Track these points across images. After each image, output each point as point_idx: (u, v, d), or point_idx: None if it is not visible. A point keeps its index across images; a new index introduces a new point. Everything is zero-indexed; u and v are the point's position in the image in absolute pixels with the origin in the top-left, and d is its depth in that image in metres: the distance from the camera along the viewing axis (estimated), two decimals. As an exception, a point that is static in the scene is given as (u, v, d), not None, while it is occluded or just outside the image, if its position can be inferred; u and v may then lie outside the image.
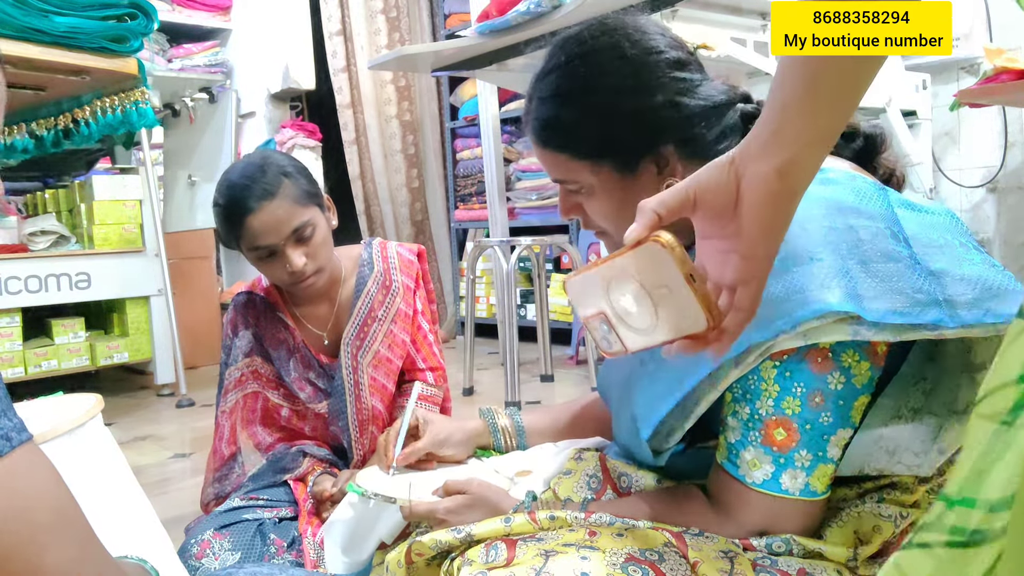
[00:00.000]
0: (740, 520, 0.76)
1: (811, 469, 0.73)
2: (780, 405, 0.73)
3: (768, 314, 0.67)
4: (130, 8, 2.18)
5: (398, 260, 1.54)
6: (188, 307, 3.54)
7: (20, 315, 2.87)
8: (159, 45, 3.74)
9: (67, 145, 2.43)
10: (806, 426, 0.73)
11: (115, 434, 1.14)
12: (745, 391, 0.75)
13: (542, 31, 2.16)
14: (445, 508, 0.87)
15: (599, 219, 0.86)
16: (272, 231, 1.31)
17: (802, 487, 0.74)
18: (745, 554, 0.73)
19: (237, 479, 1.47)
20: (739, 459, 0.75)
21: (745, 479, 0.75)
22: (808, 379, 0.72)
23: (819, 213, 0.72)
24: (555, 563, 0.69)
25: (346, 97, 4.20)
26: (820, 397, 0.72)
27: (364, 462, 1.48)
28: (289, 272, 1.33)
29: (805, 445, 0.73)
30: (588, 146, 0.82)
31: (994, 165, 2.87)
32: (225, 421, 1.49)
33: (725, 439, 0.77)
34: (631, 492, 0.88)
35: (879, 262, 0.69)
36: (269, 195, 1.30)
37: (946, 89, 2.86)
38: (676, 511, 0.80)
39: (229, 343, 1.50)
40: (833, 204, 0.73)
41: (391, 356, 1.50)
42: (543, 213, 3.78)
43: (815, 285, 0.68)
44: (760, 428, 0.74)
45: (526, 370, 3.20)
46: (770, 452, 0.74)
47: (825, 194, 0.73)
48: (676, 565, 0.70)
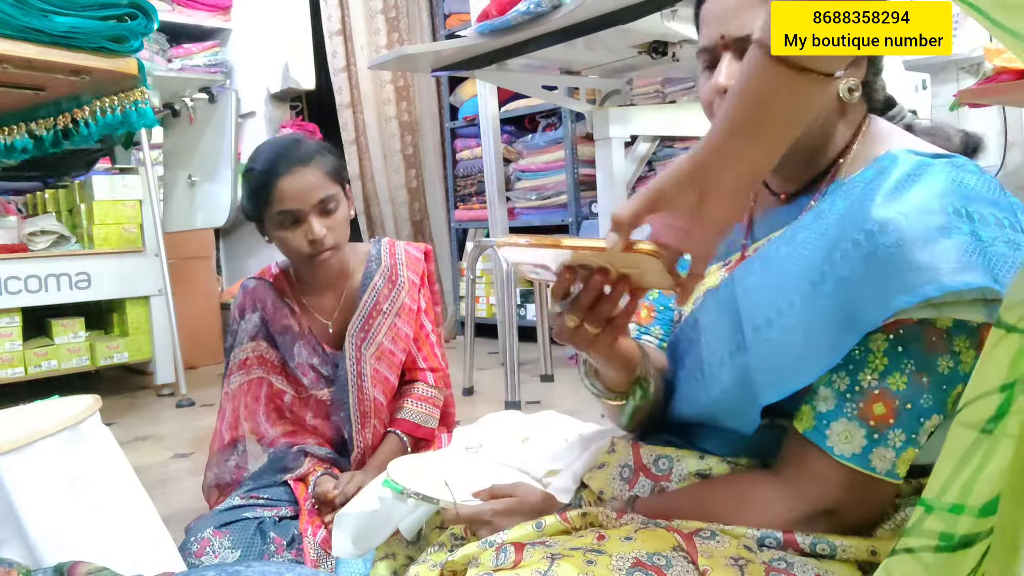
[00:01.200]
0: (814, 493, 0.74)
1: (901, 450, 0.71)
2: (886, 379, 0.71)
3: (912, 280, 0.66)
4: (130, 8, 2.18)
5: (405, 257, 1.57)
6: (188, 307, 3.54)
7: (20, 315, 2.88)
8: (159, 45, 3.74)
9: (67, 145, 2.43)
10: (907, 405, 0.71)
11: (115, 434, 1.14)
12: (847, 361, 0.72)
13: (542, 31, 2.16)
14: (492, 510, 0.85)
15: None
16: (301, 196, 1.37)
17: (889, 467, 0.72)
18: (758, 556, 0.72)
19: (237, 468, 1.48)
20: (828, 429, 0.73)
21: (833, 451, 0.72)
22: (920, 357, 0.71)
23: (958, 192, 0.70)
24: (560, 567, 0.68)
25: (346, 97, 4.20)
26: (927, 378, 0.71)
27: (364, 458, 1.48)
28: (309, 240, 1.38)
29: (902, 425, 0.71)
30: None
31: (994, 165, 2.87)
32: (228, 403, 1.52)
33: (813, 408, 0.74)
34: (670, 476, 0.86)
35: (1012, 252, 0.68)
36: (303, 162, 1.38)
37: (946, 89, 2.86)
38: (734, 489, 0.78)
39: (236, 326, 1.53)
40: (970, 188, 0.71)
41: (394, 349, 1.52)
42: (543, 213, 3.78)
43: (960, 258, 0.66)
44: (860, 400, 0.72)
45: (526, 370, 3.20)
46: (865, 426, 0.71)
47: (962, 178, 0.72)
48: (683, 571, 0.68)
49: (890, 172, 0.73)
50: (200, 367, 3.75)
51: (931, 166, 0.72)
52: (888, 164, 0.74)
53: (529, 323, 3.58)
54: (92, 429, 1.07)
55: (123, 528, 1.07)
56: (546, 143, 3.74)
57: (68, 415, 1.03)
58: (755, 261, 0.82)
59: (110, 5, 2.15)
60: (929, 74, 2.72)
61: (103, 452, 1.08)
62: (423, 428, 1.51)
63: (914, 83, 2.66)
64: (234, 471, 1.49)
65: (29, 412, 1.09)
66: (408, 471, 0.97)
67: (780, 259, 0.78)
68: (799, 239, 0.77)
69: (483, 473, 0.95)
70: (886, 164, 0.74)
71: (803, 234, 0.77)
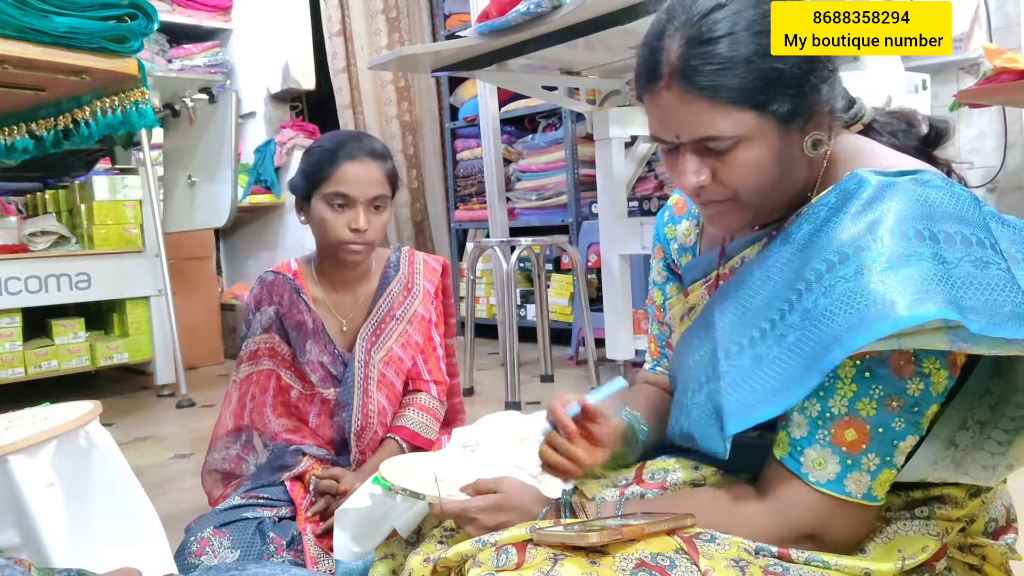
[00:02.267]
0: (794, 519, 0.75)
1: (876, 473, 0.72)
2: (855, 405, 0.72)
3: (868, 318, 0.66)
4: (130, 8, 2.17)
5: (423, 266, 1.60)
6: (188, 307, 3.54)
7: (20, 315, 2.87)
8: (159, 45, 3.75)
9: (67, 145, 2.42)
10: (879, 429, 0.71)
11: (115, 435, 1.14)
12: (818, 387, 0.72)
13: (542, 31, 2.16)
14: (477, 507, 0.85)
15: (741, 177, 0.78)
16: (361, 184, 1.40)
17: (865, 491, 0.72)
18: (757, 561, 0.72)
19: (238, 457, 1.50)
20: (803, 456, 0.74)
21: (808, 477, 0.73)
22: (888, 382, 0.71)
23: (920, 214, 0.69)
24: (563, 568, 0.68)
25: (346, 97, 4.20)
26: (897, 401, 0.71)
27: (364, 459, 1.48)
28: (352, 228, 1.40)
29: (875, 449, 0.72)
30: (757, 89, 0.73)
31: (994, 165, 2.87)
32: (234, 390, 1.53)
33: (788, 435, 0.75)
34: (663, 484, 0.87)
35: (980, 271, 0.67)
36: (376, 155, 1.44)
37: (946, 89, 2.86)
38: (725, 504, 0.78)
39: (251, 317, 1.54)
40: (934, 207, 0.70)
41: (403, 356, 1.53)
42: (543, 213, 3.78)
43: (918, 290, 0.65)
44: (830, 427, 0.72)
45: (526, 370, 3.20)
46: (838, 452, 0.72)
47: (926, 196, 0.70)
48: (686, 572, 0.69)
49: (853, 196, 0.73)
50: (200, 367, 3.75)
51: (894, 187, 0.71)
52: (852, 187, 0.74)
53: (529, 323, 3.58)
54: (93, 434, 1.07)
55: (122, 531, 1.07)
56: (546, 143, 3.74)
57: (70, 420, 1.03)
58: (729, 286, 0.83)
59: (110, 5, 2.15)
60: (929, 74, 2.72)
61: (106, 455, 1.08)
62: (422, 438, 1.51)
63: (914, 83, 2.66)
64: (235, 460, 1.50)
65: (23, 418, 1.09)
66: (400, 469, 0.98)
67: (752, 283, 0.79)
68: (769, 263, 0.78)
69: (477, 471, 0.95)
70: (850, 188, 0.74)
71: (772, 258, 0.78)
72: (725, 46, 0.73)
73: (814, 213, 0.76)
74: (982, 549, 0.83)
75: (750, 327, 0.77)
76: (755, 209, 0.81)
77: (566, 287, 3.70)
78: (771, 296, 0.76)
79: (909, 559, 0.73)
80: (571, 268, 3.56)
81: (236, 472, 1.50)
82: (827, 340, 0.68)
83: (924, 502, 0.79)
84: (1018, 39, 2.74)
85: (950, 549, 0.81)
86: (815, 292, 0.71)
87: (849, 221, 0.71)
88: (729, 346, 0.79)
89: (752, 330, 0.77)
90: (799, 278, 0.73)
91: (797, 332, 0.72)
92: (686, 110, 0.75)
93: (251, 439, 1.51)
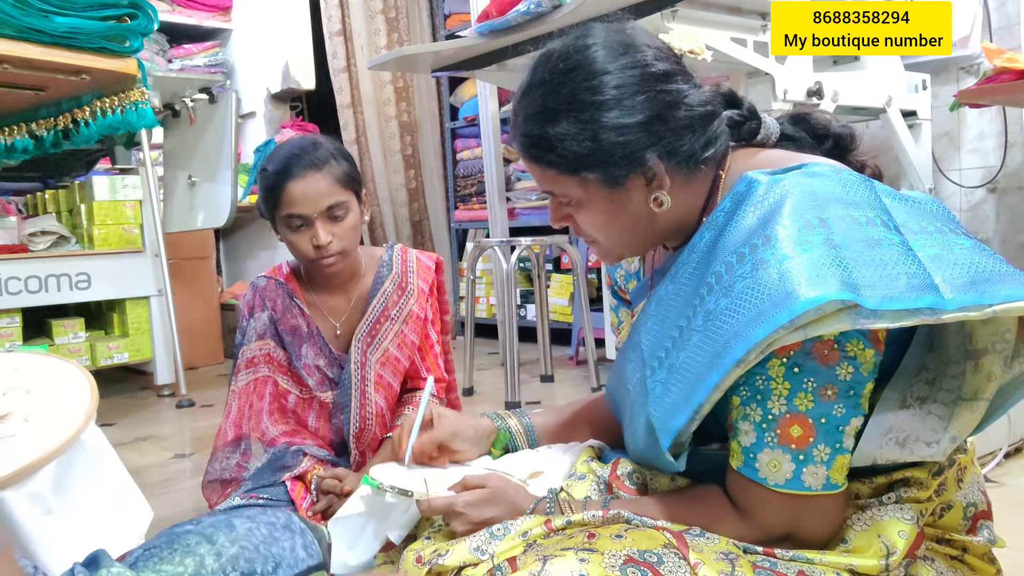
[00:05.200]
0: (766, 523, 0.76)
1: (830, 462, 0.73)
2: (793, 402, 0.73)
3: (766, 310, 0.68)
4: (130, 8, 2.17)
5: (416, 265, 1.59)
6: (188, 307, 3.53)
7: (20, 315, 2.87)
8: (159, 45, 3.74)
9: (67, 145, 2.42)
10: (821, 420, 0.73)
11: (115, 435, 1.14)
12: (755, 392, 0.74)
13: (542, 31, 2.16)
14: (464, 502, 0.86)
15: (589, 229, 0.88)
16: (309, 201, 1.37)
17: (824, 481, 0.74)
18: (745, 556, 0.73)
19: (238, 466, 1.49)
20: (757, 462, 0.75)
21: (767, 482, 0.75)
22: (817, 373, 0.72)
23: (808, 204, 0.72)
24: (553, 566, 0.69)
25: (346, 97, 4.20)
26: (832, 389, 0.72)
27: (363, 461, 1.48)
28: (315, 245, 1.39)
29: (822, 439, 0.73)
30: (575, 162, 0.82)
31: (994, 165, 2.87)
32: (234, 400, 1.52)
33: (739, 444, 0.76)
34: (645, 491, 0.88)
35: (872, 250, 0.69)
36: (315, 167, 1.38)
37: (946, 89, 2.86)
38: (701, 515, 0.79)
39: (245, 324, 1.53)
40: (821, 195, 0.73)
41: (400, 356, 1.53)
42: (543, 213, 3.78)
43: (811, 276, 0.67)
44: (775, 428, 0.74)
45: (526, 370, 3.20)
46: (788, 451, 0.73)
47: (813, 186, 0.74)
48: (675, 567, 0.69)
49: (746, 198, 0.76)
50: (200, 367, 3.75)
51: (780, 183, 0.74)
52: (743, 190, 0.77)
53: (529, 323, 3.58)
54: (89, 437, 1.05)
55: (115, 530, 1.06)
56: (546, 143, 3.73)
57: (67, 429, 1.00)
58: (651, 303, 0.86)
59: (110, 5, 2.15)
60: (929, 74, 2.72)
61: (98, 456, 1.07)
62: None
63: (914, 83, 2.66)
64: (235, 469, 1.49)
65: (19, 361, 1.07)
66: (390, 470, 1.00)
67: (666, 297, 0.82)
68: (678, 274, 0.82)
69: (466, 472, 0.95)
70: (742, 190, 0.77)
71: (681, 269, 0.82)
72: (540, 124, 0.82)
73: (713, 220, 0.79)
74: (962, 542, 0.84)
75: (665, 339, 0.80)
76: (628, 247, 0.89)
77: (566, 287, 3.71)
78: (681, 306, 0.79)
79: (892, 554, 0.74)
80: (571, 268, 3.56)
81: (238, 479, 1.50)
82: (728, 336, 0.70)
83: (889, 487, 0.80)
84: (1018, 39, 2.74)
85: (929, 542, 0.82)
86: (716, 293, 0.73)
87: (744, 222, 0.74)
88: (652, 362, 0.81)
89: (666, 341, 0.80)
90: (702, 283, 0.76)
91: (700, 334, 0.74)
92: (535, 169, 0.87)
93: (250, 447, 1.50)
